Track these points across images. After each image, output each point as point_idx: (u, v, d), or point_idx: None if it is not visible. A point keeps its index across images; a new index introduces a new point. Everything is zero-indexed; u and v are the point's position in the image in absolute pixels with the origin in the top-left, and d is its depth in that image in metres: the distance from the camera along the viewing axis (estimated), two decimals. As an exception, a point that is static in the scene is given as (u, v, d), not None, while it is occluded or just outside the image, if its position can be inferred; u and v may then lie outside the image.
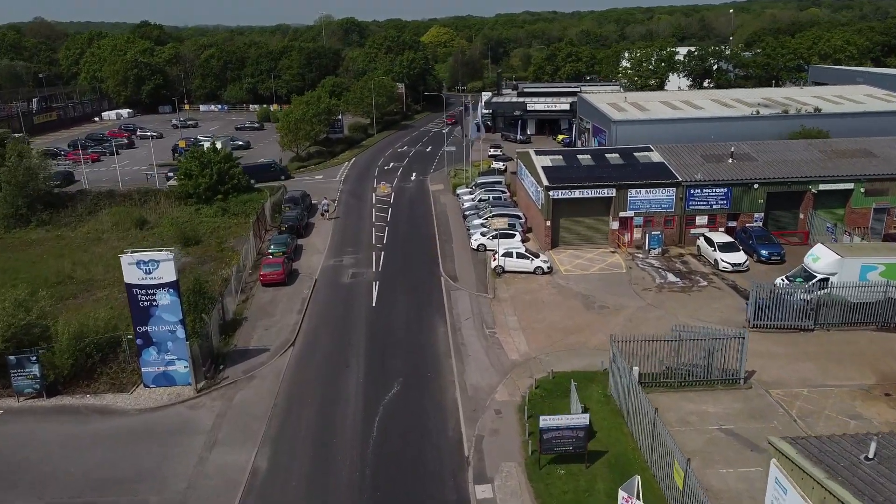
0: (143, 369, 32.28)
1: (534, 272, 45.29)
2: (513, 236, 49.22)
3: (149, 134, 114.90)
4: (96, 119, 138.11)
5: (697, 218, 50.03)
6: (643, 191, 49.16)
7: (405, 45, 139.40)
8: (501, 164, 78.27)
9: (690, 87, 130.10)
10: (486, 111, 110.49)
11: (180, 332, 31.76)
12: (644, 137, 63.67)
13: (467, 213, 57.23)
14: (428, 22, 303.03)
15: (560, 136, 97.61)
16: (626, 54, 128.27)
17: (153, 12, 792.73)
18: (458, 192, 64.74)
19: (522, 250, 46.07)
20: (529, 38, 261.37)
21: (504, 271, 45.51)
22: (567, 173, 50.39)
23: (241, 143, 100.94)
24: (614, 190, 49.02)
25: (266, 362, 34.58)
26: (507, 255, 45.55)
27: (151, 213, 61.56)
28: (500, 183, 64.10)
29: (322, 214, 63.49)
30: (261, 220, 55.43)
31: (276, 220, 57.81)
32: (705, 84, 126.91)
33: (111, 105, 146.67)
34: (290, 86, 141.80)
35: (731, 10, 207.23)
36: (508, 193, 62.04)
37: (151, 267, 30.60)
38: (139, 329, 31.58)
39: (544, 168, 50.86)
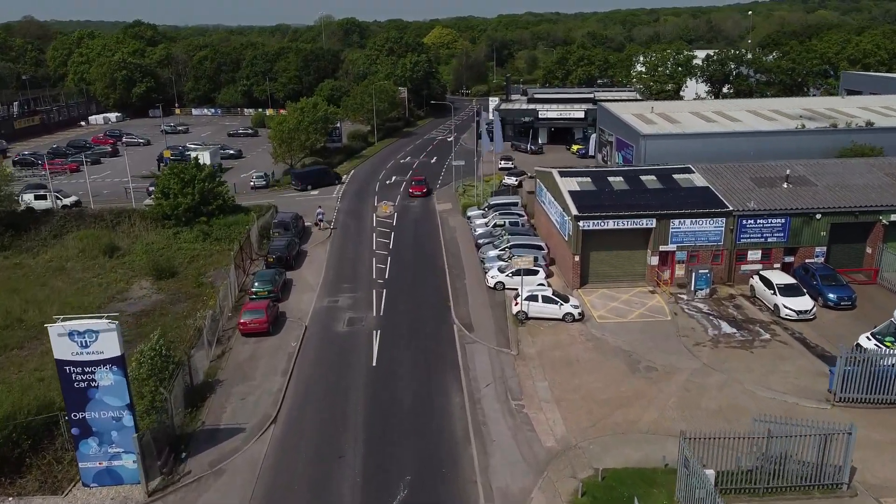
0: (80, 465, 25.43)
1: (563, 319, 38.47)
2: (536, 273, 42.39)
3: (135, 140, 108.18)
4: (82, 124, 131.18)
5: (749, 252, 43.21)
6: (687, 221, 42.32)
7: (408, 47, 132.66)
8: (514, 178, 71.43)
9: (709, 93, 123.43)
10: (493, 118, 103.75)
11: (127, 420, 24.92)
12: (676, 154, 57.00)
13: (480, 241, 50.33)
14: (430, 23, 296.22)
15: (574, 147, 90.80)
16: (641, 58, 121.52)
17: (153, 12, 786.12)
18: (469, 214, 57.85)
19: (549, 292, 39.22)
20: (534, 39, 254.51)
21: (528, 317, 38.69)
22: (598, 199, 43.54)
23: (231, 151, 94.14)
24: (654, 220, 42.18)
25: (240, 448, 27.70)
26: (532, 298, 38.73)
27: (124, 237, 54.72)
28: (515, 205, 57.20)
29: (316, 224, 56.93)
30: (245, 249, 48.60)
31: (264, 248, 51.01)
32: (725, 90, 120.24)
33: (99, 109, 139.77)
34: (287, 89, 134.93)
35: (750, 13, 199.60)
36: (526, 217, 55.17)
37: (89, 339, 23.76)
38: (75, 416, 24.73)
39: (572, 193, 44.02)
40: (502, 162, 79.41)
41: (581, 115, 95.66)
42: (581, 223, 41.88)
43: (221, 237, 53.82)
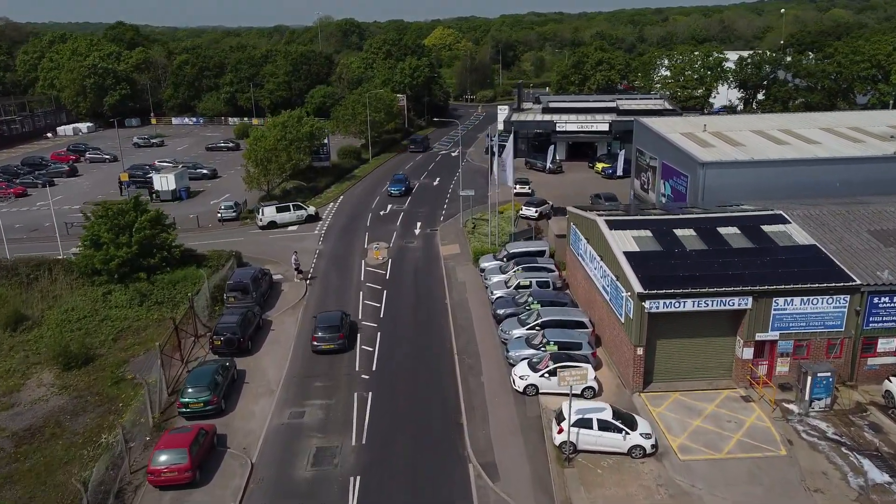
0: None
1: (628, 454, 26.28)
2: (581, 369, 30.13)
3: (100, 156, 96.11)
4: (48, 135, 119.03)
5: (880, 341, 30.97)
6: (796, 300, 30.08)
7: (407, 50, 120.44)
8: (534, 209, 59.17)
9: (742, 99, 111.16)
10: (504, 133, 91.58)
11: None
12: (743, 186, 44.83)
13: (499, 310, 37.96)
14: (431, 23, 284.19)
15: (599, 165, 78.55)
16: (666, 61, 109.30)
17: (152, 14, 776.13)
18: (483, 265, 45.48)
19: (608, 414, 26.97)
20: (541, 40, 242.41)
21: (576, 451, 26.48)
22: (668, 267, 31.28)
23: (204, 171, 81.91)
24: (750, 299, 29.93)
25: None
26: (583, 424, 26.51)
27: (40, 300, 42.50)
28: (542, 254, 44.81)
29: (297, 272, 45.61)
30: (187, 324, 36.41)
31: (217, 315, 38.86)
32: (759, 97, 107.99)
33: (69, 118, 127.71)
34: (275, 96, 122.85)
35: (783, 10, 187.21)
36: (557, 271, 42.83)
37: None
38: None
39: (630, 257, 31.78)
40: (517, 186, 67.00)
41: (605, 127, 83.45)
42: (647, 304, 29.63)
43: (163, 300, 41.63)
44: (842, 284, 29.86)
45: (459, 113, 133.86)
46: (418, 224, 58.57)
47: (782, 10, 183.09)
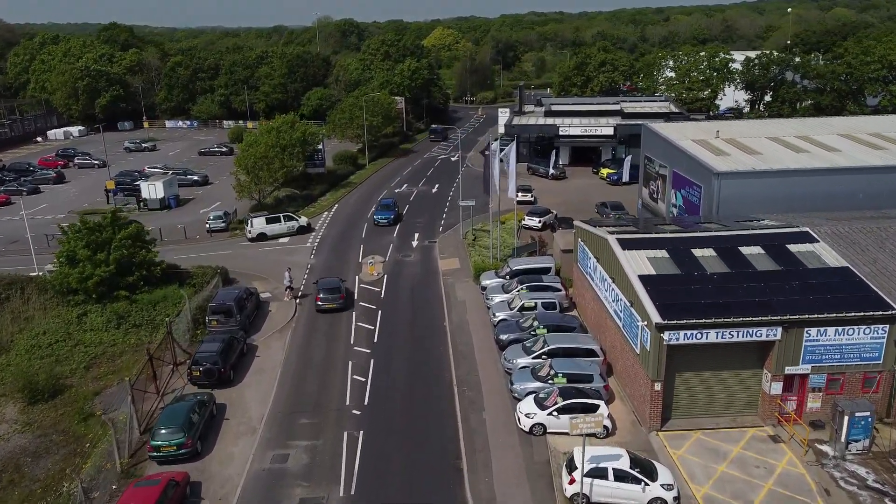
0: None
1: (648, 508, 23.54)
2: (593, 409, 27.44)
3: (89, 162, 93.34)
4: (38, 139, 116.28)
5: (921, 374, 28.23)
6: (830, 330, 27.32)
7: (406, 51, 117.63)
8: (537, 219, 56.44)
9: (749, 101, 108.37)
10: (506, 137, 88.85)
11: None
12: (761, 197, 42.27)
13: (503, 335, 35.18)
14: (430, 23, 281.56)
15: (604, 171, 75.81)
16: (671, 62, 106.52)
17: (151, 13, 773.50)
18: (485, 283, 42.64)
19: (625, 463, 24.20)
20: (542, 40, 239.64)
21: (590, 504, 23.74)
22: (688, 293, 28.50)
23: (195, 177, 79.20)
24: (779, 329, 27.18)
25: None
26: (597, 473, 23.74)
27: (10, 322, 39.70)
28: (547, 271, 42.01)
29: (287, 290, 42.66)
30: (164, 352, 33.66)
31: (199, 339, 36.12)
32: (766, 98, 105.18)
33: (61, 122, 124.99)
34: (270, 99, 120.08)
35: (790, 10, 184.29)
36: (563, 291, 40.04)
37: None
38: None
39: (646, 281, 29.01)
40: (519, 194, 64.21)
41: (609, 131, 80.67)
42: (666, 335, 26.87)
43: (142, 322, 38.87)
44: (881, 313, 27.10)
45: (459, 115, 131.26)
46: (416, 235, 55.78)
47: (789, 10, 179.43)
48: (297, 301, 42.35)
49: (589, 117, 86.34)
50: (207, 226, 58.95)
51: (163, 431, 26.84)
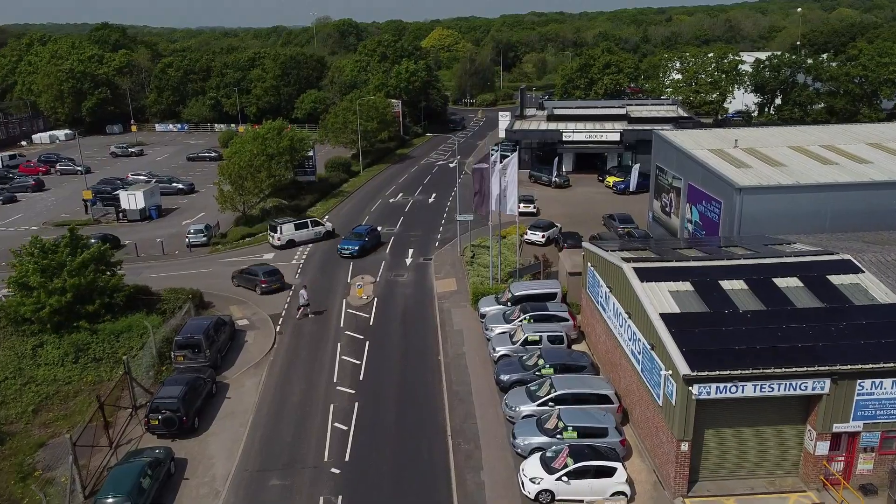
0: None
1: None
2: (611, 472, 23.54)
3: (71, 168, 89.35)
4: (23, 143, 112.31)
5: None
6: (887, 381, 23.42)
7: (403, 52, 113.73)
8: (540, 233, 52.57)
9: (759, 104, 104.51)
10: (507, 142, 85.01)
11: None
12: (788, 214, 38.63)
13: (503, 376, 31.19)
14: (430, 23, 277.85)
15: (611, 180, 71.87)
16: (678, 63, 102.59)
17: (149, 14, 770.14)
18: (483, 309, 38.67)
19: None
20: (542, 41, 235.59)
21: None
22: (717, 336, 24.57)
23: (180, 185, 75.32)
24: (827, 382, 23.27)
25: None
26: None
27: (-43, 354, 35.78)
28: (553, 297, 38.04)
29: (301, 308, 40.12)
30: (123, 389, 29.74)
31: (166, 375, 32.25)
32: (777, 102, 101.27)
33: (47, 125, 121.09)
34: (262, 102, 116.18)
35: (800, 9, 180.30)
36: (571, 321, 36.07)
37: None
38: None
39: (669, 321, 25.06)
40: (521, 205, 60.34)
41: (615, 136, 76.77)
42: (696, 389, 22.96)
43: (103, 356, 34.93)
44: (945, 363, 23.21)
45: (458, 118, 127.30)
46: (410, 252, 51.83)
47: (798, 9, 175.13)
48: (278, 329, 38.47)
49: (594, 122, 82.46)
50: (187, 240, 55.04)
51: (109, 500, 22.92)
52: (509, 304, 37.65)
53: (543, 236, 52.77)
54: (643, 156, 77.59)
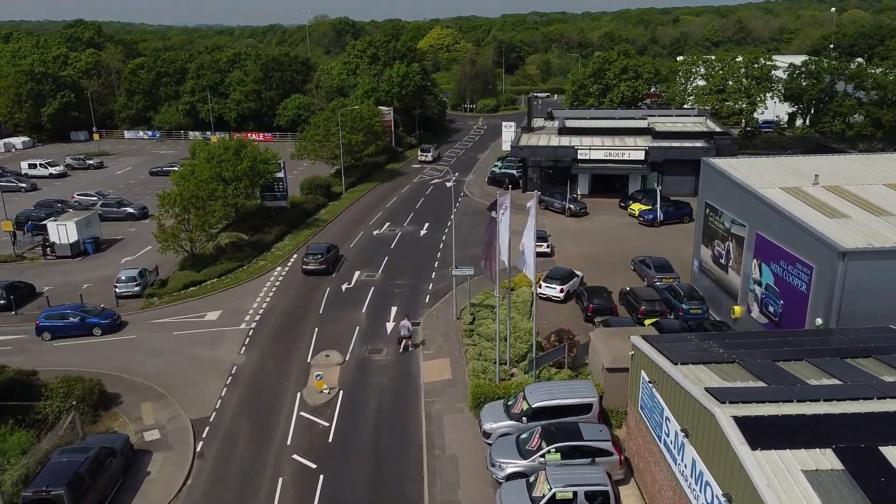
0: None
1: None
2: None
3: (13, 185, 78.20)
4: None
5: None
6: None
7: (396, 54, 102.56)
8: (558, 286, 41.53)
9: (795, 115, 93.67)
10: (511, 158, 74.00)
11: None
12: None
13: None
14: (429, 23, 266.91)
15: (636, 207, 60.81)
16: (703, 68, 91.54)
17: (147, 12, 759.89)
18: (488, 424, 27.38)
19: None
20: (546, 41, 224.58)
21: None
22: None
23: (130, 209, 64.22)
24: None
25: None
26: None
27: None
28: (586, 409, 26.87)
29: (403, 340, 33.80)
30: None
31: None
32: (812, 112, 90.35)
33: (3, 131, 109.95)
34: (241, 107, 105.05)
35: (833, 9, 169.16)
36: (617, 457, 24.90)
37: None
38: None
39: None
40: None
41: (640, 155, 65.71)
42: None
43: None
44: None
45: (457, 125, 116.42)
46: (393, 312, 40.69)
47: (833, 9, 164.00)
48: (199, 451, 27.37)
49: (613, 136, 71.36)
50: (116, 290, 43.97)
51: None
52: (525, 419, 26.50)
53: (562, 290, 41.74)
54: (671, 177, 66.68)
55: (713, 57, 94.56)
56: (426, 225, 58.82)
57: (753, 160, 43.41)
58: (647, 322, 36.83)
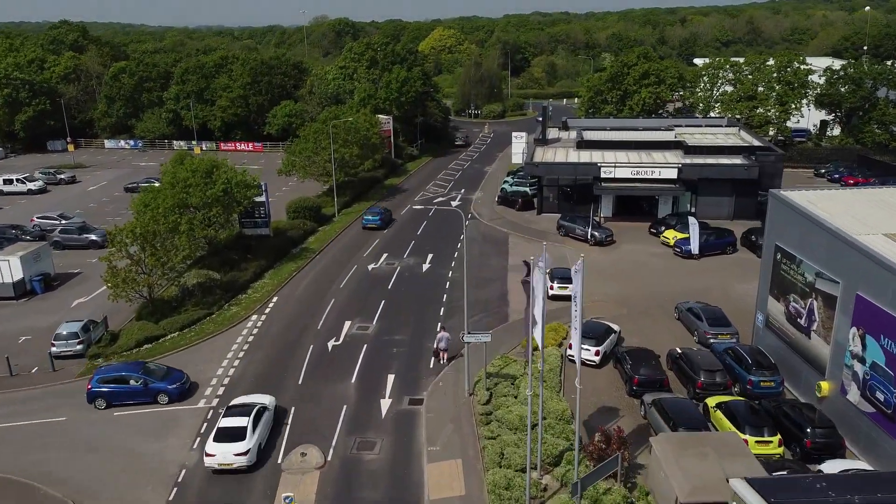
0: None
1: None
2: None
3: (-30, 205, 70.44)
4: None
5: None
6: None
7: (396, 58, 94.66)
8: (593, 348, 33.68)
9: (833, 124, 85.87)
10: (521, 175, 66.15)
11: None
12: None
13: None
14: (430, 23, 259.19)
15: (670, 234, 52.93)
16: (730, 73, 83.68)
17: (146, 15, 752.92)
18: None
19: None
20: (552, 42, 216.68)
21: None
22: None
23: (93, 236, 56.31)
24: None
25: None
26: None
27: None
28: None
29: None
30: None
31: None
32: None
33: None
34: (228, 115, 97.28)
35: (867, 8, 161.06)
36: None
37: None
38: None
39: None
40: (555, 284, 41.74)
41: (672, 173, 57.80)
42: None
43: None
44: None
45: (462, 133, 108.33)
46: (390, 381, 32.79)
47: (866, 8, 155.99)
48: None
49: (638, 151, 63.52)
50: (53, 349, 36.13)
51: None
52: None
53: (598, 352, 33.90)
54: (707, 197, 58.91)
55: (742, 60, 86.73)
56: (429, 257, 50.92)
57: (835, 193, 35.43)
58: (711, 403, 29.01)
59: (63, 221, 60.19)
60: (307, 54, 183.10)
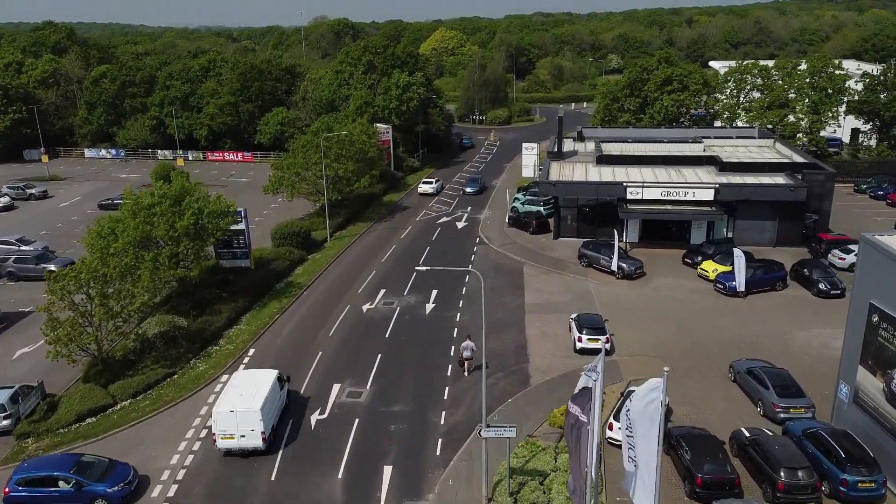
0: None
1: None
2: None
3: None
4: None
5: None
6: None
7: (395, 62, 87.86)
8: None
9: (859, 131, 79.11)
10: (534, 192, 59.40)
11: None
12: None
13: None
14: (431, 24, 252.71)
15: (709, 267, 46.09)
16: (759, 78, 76.90)
17: (146, 15, 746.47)
18: None
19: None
20: (557, 43, 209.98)
21: None
22: None
23: (52, 267, 49.33)
24: None
25: None
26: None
27: None
28: None
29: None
30: None
31: None
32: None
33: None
34: (216, 122, 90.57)
35: None
36: None
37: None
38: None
39: None
40: (584, 336, 35.12)
41: (708, 195, 51.01)
42: None
43: None
44: None
45: (466, 142, 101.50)
46: (386, 475, 26.06)
47: None
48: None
49: (667, 167, 56.72)
50: (-22, 426, 29.46)
51: None
52: None
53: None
54: (746, 221, 52.18)
55: (771, 63, 79.98)
56: (433, 294, 44.11)
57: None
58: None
59: (21, 247, 53.56)
60: (305, 55, 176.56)
